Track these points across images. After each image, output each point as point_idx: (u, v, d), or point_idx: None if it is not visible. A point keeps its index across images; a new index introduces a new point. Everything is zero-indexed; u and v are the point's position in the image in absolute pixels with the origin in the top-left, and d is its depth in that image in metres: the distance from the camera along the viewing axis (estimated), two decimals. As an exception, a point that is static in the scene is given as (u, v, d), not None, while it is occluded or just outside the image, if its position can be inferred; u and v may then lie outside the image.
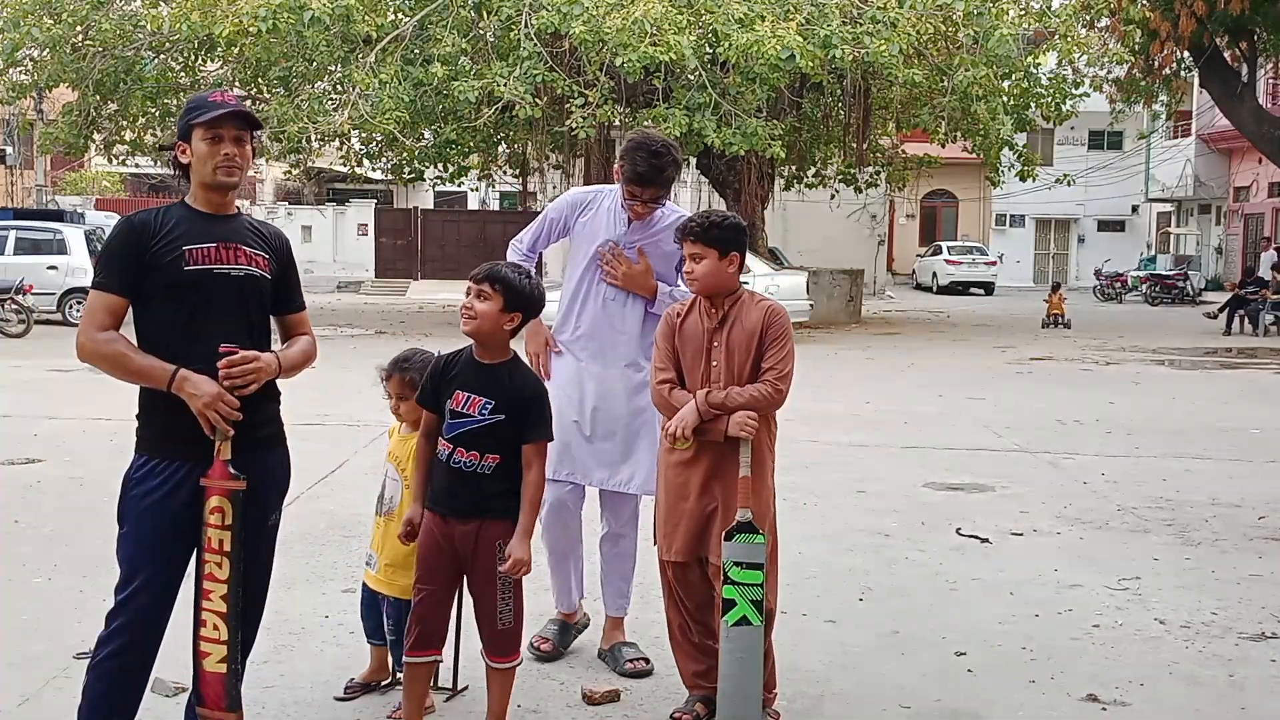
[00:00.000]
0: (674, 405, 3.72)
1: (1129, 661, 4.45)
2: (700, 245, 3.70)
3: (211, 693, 3.09)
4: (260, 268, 3.18)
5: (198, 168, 3.13)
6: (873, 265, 32.76)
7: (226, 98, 3.16)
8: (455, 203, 42.16)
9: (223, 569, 3.05)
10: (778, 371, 3.67)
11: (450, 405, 3.40)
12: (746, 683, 3.59)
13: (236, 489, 3.05)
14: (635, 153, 4.05)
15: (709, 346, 3.73)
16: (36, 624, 4.67)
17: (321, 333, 16.24)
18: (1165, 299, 32.34)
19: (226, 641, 3.07)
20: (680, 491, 3.75)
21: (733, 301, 3.76)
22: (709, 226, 3.72)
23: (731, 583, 3.58)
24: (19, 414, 9.98)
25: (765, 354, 3.70)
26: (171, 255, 3.06)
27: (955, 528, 6.47)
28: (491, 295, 3.40)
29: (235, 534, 3.06)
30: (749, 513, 3.60)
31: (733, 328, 3.72)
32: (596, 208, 4.22)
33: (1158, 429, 10.16)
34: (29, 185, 35.13)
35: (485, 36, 18.12)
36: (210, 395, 3.01)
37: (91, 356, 3.08)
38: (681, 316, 3.82)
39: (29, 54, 20.12)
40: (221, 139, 3.10)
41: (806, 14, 17.07)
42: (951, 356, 16.90)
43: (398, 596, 3.82)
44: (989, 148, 20.03)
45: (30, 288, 18.45)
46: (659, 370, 3.81)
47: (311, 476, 7.27)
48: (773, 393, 3.66)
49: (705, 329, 3.75)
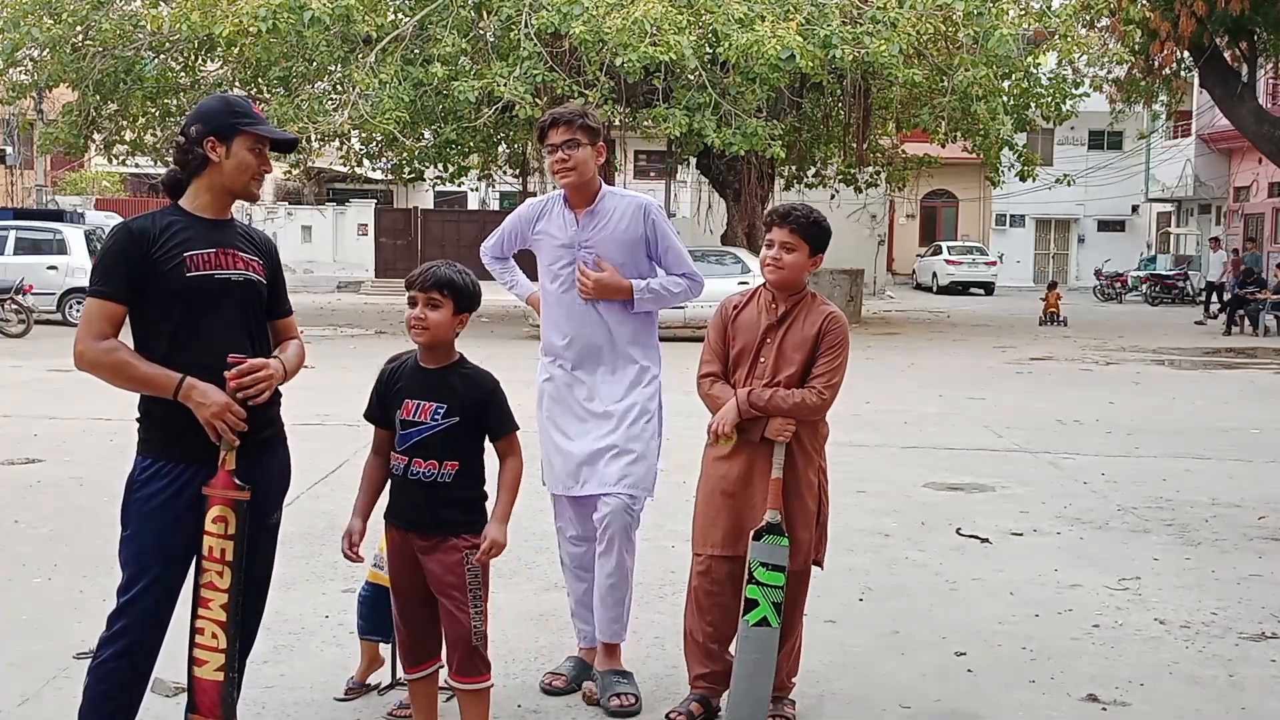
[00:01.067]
0: (716, 399, 3.68)
1: (1129, 661, 4.45)
2: (797, 237, 3.66)
3: (207, 700, 3.08)
4: (257, 273, 3.18)
5: (231, 173, 3.11)
6: (873, 265, 32.74)
7: (261, 113, 3.19)
8: (455, 203, 42.14)
9: (224, 578, 3.04)
10: (827, 380, 3.62)
11: (400, 415, 3.32)
12: (759, 684, 3.60)
13: (241, 499, 3.04)
14: (542, 122, 4.10)
15: (762, 342, 3.67)
16: (36, 624, 4.67)
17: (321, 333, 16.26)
18: (1165, 299, 32.37)
19: (225, 650, 3.06)
20: (719, 486, 3.72)
21: (796, 300, 3.70)
22: (812, 222, 3.68)
23: (756, 583, 3.58)
24: (19, 414, 9.98)
25: (818, 359, 3.64)
26: (173, 262, 3.05)
27: (955, 528, 6.47)
28: (442, 302, 3.29)
29: (238, 544, 3.05)
30: (778, 514, 3.58)
31: (790, 327, 3.67)
32: (548, 214, 4.15)
33: (1158, 429, 10.16)
34: (29, 185, 35.11)
35: (485, 36, 18.14)
36: (219, 405, 3.00)
37: (92, 366, 3.04)
38: (739, 307, 3.76)
39: (29, 54, 20.14)
40: (263, 152, 3.12)
41: (806, 14, 17.08)
42: (951, 356, 16.90)
43: None
44: (989, 148, 20.03)
45: (30, 288, 18.45)
46: (704, 363, 3.76)
47: (311, 476, 7.26)
48: (818, 402, 3.61)
49: (763, 323, 3.68)
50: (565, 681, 4.10)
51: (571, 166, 4.00)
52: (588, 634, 4.19)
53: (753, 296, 3.76)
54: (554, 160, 4.02)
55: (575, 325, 4.08)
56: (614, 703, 3.91)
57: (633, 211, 4.09)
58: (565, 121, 4.00)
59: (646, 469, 4.04)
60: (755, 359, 3.66)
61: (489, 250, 4.36)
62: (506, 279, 4.46)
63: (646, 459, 4.04)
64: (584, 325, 4.08)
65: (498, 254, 4.34)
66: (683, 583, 5.29)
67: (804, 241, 3.66)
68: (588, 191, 4.07)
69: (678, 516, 6.61)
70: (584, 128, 4.01)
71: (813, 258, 3.69)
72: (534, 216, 4.19)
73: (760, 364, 3.65)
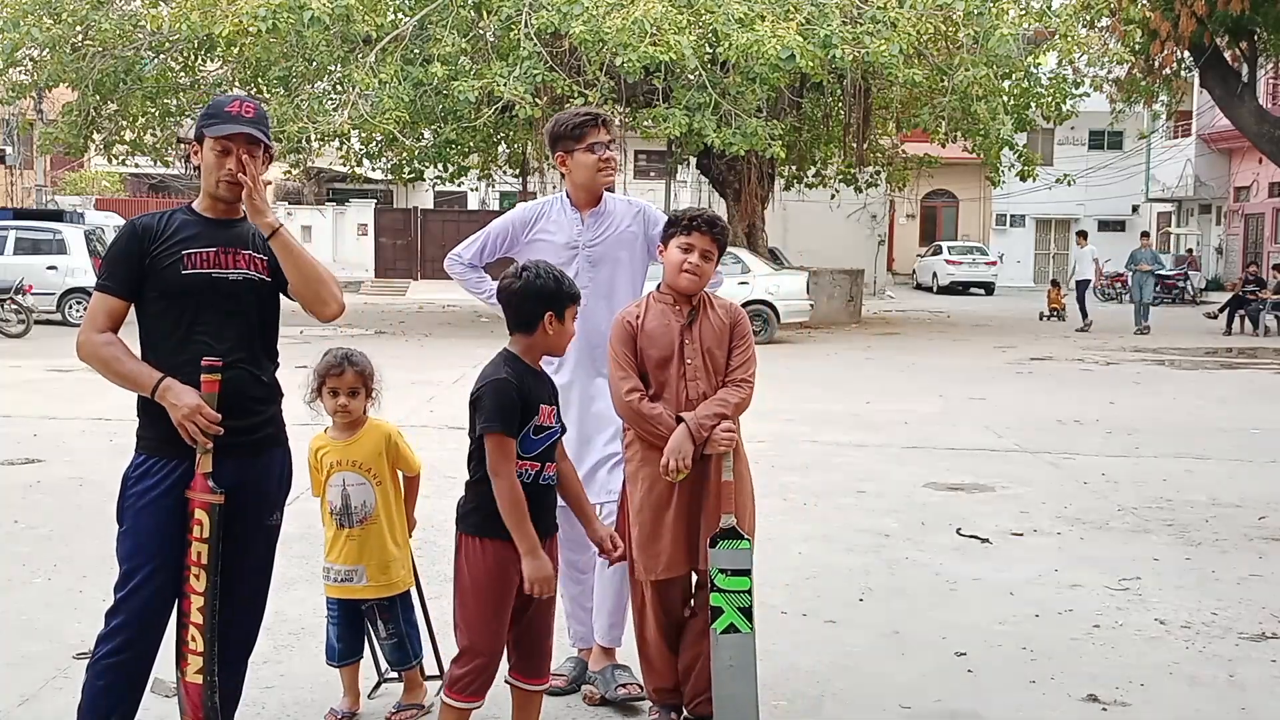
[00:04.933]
0: (646, 417, 3.59)
1: (1129, 661, 4.45)
2: (716, 246, 3.70)
3: (190, 703, 3.10)
4: (260, 270, 3.17)
5: (205, 175, 3.16)
6: (873, 265, 32.74)
7: (245, 110, 3.13)
8: (455, 203, 42.10)
9: (200, 581, 3.05)
10: (745, 369, 3.68)
11: (537, 422, 3.22)
12: (742, 690, 3.55)
13: (215, 503, 3.05)
14: (566, 115, 4.11)
15: (681, 344, 3.67)
16: (36, 624, 4.67)
17: (321, 333, 16.23)
18: (1165, 299, 32.36)
19: (203, 653, 3.07)
20: (663, 507, 3.62)
21: (696, 299, 3.74)
22: (722, 227, 3.74)
23: (718, 590, 3.53)
24: (19, 414, 9.98)
25: (733, 352, 3.68)
26: (171, 259, 3.08)
27: (955, 528, 6.47)
28: (567, 319, 3.33)
29: (212, 547, 3.05)
30: (733, 518, 3.55)
31: (702, 324, 3.69)
32: (548, 217, 4.15)
33: (1158, 429, 10.16)
34: (29, 185, 35.12)
35: (485, 36, 18.14)
36: (189, 407, 3.01)
37: (88, 357, 3.13)
38: (640, 319, 3.72)
39: (29, 54, 20.13)
40: (230, 151, 3.10)
41: (806, 14, 17.07)
42: (951, 356, 16.90)
43: (392, 595, 3.78)
44: (989, 148, 20.03)
45: (30, 288, 18.47)
46: (623, 380, 3.65)
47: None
48: (749, 393, 3.67)
49: (675, 326, 3.68)
50: (566, 681, 4.10)
51: (615, 167, 4.09)
52: (584, 635, 4.20)
53: (646, 306, 3.75)
54: (601, 159, 4.06)
55: (577, 326, 4.06)
56: (621, 692, 3.97)
57: (634, 214, 4.19)
58: (605, 124, 4.09)
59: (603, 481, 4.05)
60: (680, 361, 3.65)
61: (464, 258, 4.26)
62: (480, 287, 4.33)
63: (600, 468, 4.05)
64: (584, 326, 4.05)
65: (475, 262, 4.27)
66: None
67: (718, 249, 3.72)
68: (597, 193, 4.14)
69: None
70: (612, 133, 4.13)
71: (719, 259, 3.77)
72: (531, 219, 4.18)
73: (688, 364, 3.65)
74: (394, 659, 3.85)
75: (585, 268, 4.07)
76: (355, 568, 3.75)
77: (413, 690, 3.89)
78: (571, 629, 4.24)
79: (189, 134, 3.60)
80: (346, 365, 3.74)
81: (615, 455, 4.00)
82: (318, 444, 3.85)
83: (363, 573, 3.75)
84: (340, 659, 3.83)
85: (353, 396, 3.75)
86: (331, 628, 3.84)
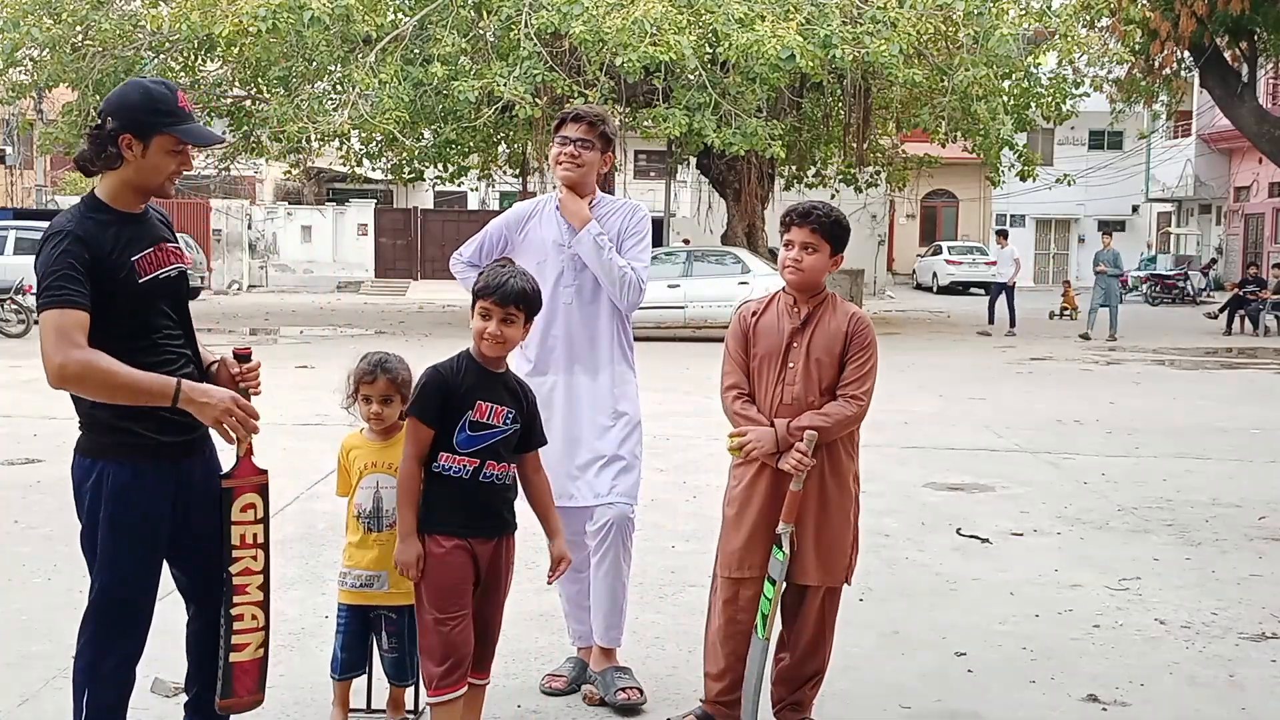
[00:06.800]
0: (737, 416, 3.54)
1: (1129, 661, 4.45)
2: (818, 237, 3.50)
3: (248, 681, 3.13)
4: (182, 260, 3.10)
5: (146, 172, 2.93)
6: (873, 265, 32.76)
7: (188, 105, 2.99)
8: (455, 203, 42.11)
9: (258, 560, 3.11)
10: (859, 385, 3.49)
11: (472, 416, 3.23)
12: (750, 695, 3.60)
13: (264, 482, 3.11)
14: (565, 113, 4.10)
15: (788, 347, 3.53)
16: (36, 624, 4.66)
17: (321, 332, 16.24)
18: (1165, 299, 32.36)
19: (265, 627, 3.14)
20: (744, 503, 3.58)
21: (818, 302, 3.57)
22: (833, 221, 3.53)
23: None
24: (19, 414, 9.98)
25: (848, 364, 3.50)
26: (124, 269, 2.90)
27: (955, 528, 6.47)
28: (517, 317, 3.30)
29: (267, 525, 3.12)
30: (791, 527, 3.49)
31: (816, 329, 3.53)
32: (539, 216, 4.13)
33: (1158, 429, 10.16)
34: (29, 185, 35.11)
35: (485, 36, 18.14)
36: (224, 401, 2.92)
37: (78, 379, 2.81)
38: (757, 314, 3.61)
39: (29, 54, 20.12)
40: (184, 152, 2.96)
41: (806, 14, 17.08)
42: (951, 356, 16.90)
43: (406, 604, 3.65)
44: (989, 148, 20.03)
45: (30, 288, 18.44)
46: (726, 374, 3.61)
47: (311, 476, 7.26)
48: (858, 411, 3.49)
49: (787, 328, 3.55)
50: (565, 682, 4.10)
51: (579, 164, 4.01)
52: (583, 634, 4.19)
53: (771, 301, 3.63)
54: (563, 151, 4.02)
55: (561, 326, 4.06)
56: (620, 697, 3.93)
57: (622, 209, 4.15)
58: (587, 121, 4.02)
59: (636, 478, 4.05)
60: (783, 364, 3.53)
61: (466, 258, 4.25)
62: None
63: (635, 468, 4.05)
64: (569, 326, 4.06)
65: (475, 261, 4.23)
66: (683, 582, 5.32)
67: (825, 241, 3.51)
68: (582, 195, 4.08)
69: (678, 517, 6.61)
70: (602, 135, 4.03)
71: (833, 257, 3.55)
72: (524, 217, 4.17)
73: (789, 369, 3.52)
74: (392, 673, 3.76)
75: (570, 267, 4.04)
76: (378, 573, 3.65)
77: (398, 707, 3.83)
78: (571, 628, 4.24)
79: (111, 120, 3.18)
80: (379, 372, 3.64)
81: (604, 456, 3.98)
82: (350, 444, 3.76)
83: (385, 579, 3.65)
84: (343, 671, 3.74)
85: (386, 404, 3.65)
86: (339, 637, 3.74)
